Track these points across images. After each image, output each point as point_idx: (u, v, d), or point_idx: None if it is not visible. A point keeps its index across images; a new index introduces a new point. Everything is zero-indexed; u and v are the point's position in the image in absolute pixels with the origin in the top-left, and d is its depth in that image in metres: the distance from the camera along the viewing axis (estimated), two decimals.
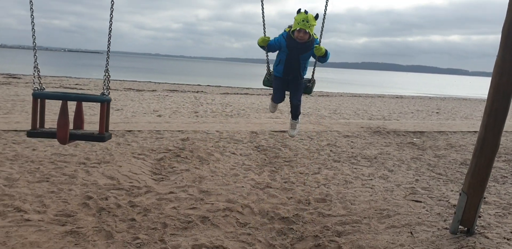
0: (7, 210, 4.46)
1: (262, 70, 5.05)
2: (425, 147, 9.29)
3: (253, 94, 23.05)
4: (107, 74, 3.44)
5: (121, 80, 27.87)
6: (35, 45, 3.16)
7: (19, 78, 23.17)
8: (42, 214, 4.43)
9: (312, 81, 5.31)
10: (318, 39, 4.93)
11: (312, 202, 5.30)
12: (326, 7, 4.75)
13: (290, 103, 5.42)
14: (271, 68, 5.30)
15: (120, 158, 6.67)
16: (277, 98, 5.46)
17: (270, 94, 6.47)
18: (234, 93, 23.11)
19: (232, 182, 5.90)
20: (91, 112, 11.34)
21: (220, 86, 30.64)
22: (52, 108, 10.52)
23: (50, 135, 3.35)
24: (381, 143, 9.56)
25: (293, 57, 4.99)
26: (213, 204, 5.03)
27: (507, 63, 3.85)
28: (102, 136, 3.43)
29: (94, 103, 12.81)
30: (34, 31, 3.07)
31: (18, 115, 10.18)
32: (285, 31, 4.99)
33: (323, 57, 4.94)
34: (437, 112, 18.77)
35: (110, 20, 3.19)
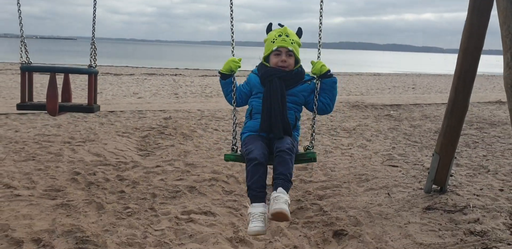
0: None
1: (238, 53, 3.16)
2: (401, 118, 9.60)
3: None
4: (93, 46, 3.53)
5: (98, 65, 27.45)
6: (21, 20, 3.23)
7: None
8: (32, 190, 4.53)
9: (312, 140, 3.10)
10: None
11: (294, 171, 5.50)
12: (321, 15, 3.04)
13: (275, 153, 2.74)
14: (238, 133, 3.04)
15: (105, 136, 6.75)
16: (258, 154, 2.67)
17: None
18: (213, 76, 23.08)
19: (216, 155, 6.07)
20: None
21: (198, 69, 30.50)
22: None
23: (39, 107, 3.43)
24: (360, 116, 9.84)
25: (275, 92, 2.83)
26: (199, 175, 5.20)
27: (475, 27, 4.05)
28: (91, 107, 3.53)
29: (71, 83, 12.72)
30: (20, 13, 3.14)
31: None
32: (256, 67, 3.12)
33: (327, 78, 2.92)
34: (413, 88, 19.18)
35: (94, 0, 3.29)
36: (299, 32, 2.97)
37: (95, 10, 3.44)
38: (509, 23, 2.80)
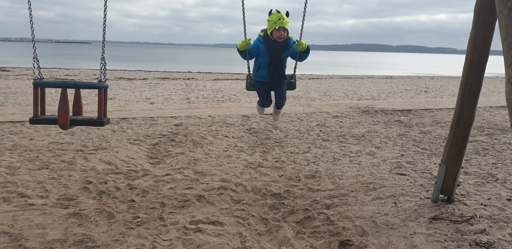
0: (11, 196, 4.68)
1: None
2: (412, 124, 9.58)
3: (244, 79, 23.16)
4: (103, 62, 3.64)
5: (111, 70, 27.80)
6: (34, 37, 3.35)
7: (8, 71, 23.10)
8: (45, 199, 4.66)
9: (294, 76, 5.19)
10: (293, 38, 4.82)
11: (302, 179, 5.56)
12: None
13: (276, 102, 5.33)
14: (251, 72, 5.15)
15: (116, 144, 6.88)
16: (265, 103, 5.36)
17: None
18: (225, 79, 23.24)
19: (226, 163, 6.15)
20: (83, 102, 11.46)
21: (211, 72, 30.70)
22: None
23: (51, 121, 3.55)
24: (369, 121, 9.84)
25: (276, 58, 4.81)
26: (208, 183, 5.28)
27: (479, 40, 4.07)
28: (101, 120, 3.65)
29: (87, 93, 12.94)
30: (32, 24, 3.25)
31: (12, 107, 10.31)
32: (259, 35, 4.87)
33: (304, 53, 4.80)
34: (425, 91, 19.06)
35: (105, 11, 3.38)
36: (287, 14, 4.61)
37: (105, 27, 3.54)
38: (510, 39, 2.83)
